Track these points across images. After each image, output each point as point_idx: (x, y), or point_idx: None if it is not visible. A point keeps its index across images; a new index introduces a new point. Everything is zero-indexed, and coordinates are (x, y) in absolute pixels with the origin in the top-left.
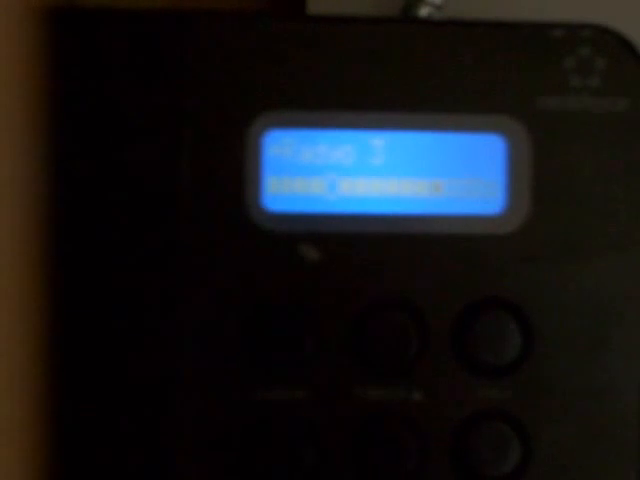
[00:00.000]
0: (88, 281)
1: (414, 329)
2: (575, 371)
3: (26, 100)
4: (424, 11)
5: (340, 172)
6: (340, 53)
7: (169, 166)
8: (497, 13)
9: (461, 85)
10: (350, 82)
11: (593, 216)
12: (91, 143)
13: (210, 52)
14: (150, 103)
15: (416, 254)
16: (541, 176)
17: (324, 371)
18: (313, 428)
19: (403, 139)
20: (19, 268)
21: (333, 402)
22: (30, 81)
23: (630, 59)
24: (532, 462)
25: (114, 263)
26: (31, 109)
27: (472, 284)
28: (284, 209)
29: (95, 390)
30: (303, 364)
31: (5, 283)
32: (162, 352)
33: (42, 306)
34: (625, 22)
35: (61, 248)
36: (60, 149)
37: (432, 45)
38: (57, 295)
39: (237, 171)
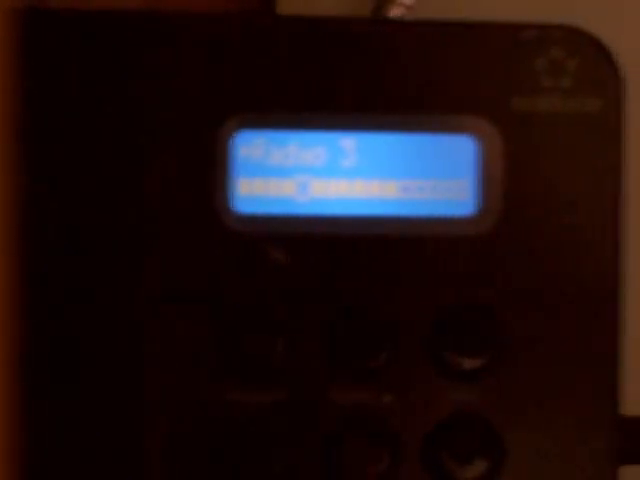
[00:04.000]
0: (54, 284)
1: (385, 331)
2: (549, 374)
3: None
4: (395, 12)
5: (311, 173)
6: (310, 54)
7: (138, 168)
8: (468, 14)
9: (432, 86)
10: (321, 83)
11: (565, 217)
12: (59, 144)
13: (180, 53)
14: (119, 104)
15: (387, 256)
16: (513, 177)
17: (295, 374)
18: (285, 430)
19: (374, 140)
20: None
21: (304, 404)
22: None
23: (602, 60)
24: (504, 466)
25: (81, 265)
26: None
27: (444, 286)
28: (254, 211)
29: (63, 397)
30: (274, 367)
31: None
32: (131, 354)
33: (7, 313)
34: (596, 22)
35: (27, 249)
36: (28, 150)
37: (403, 46)
38: (23, 300)
39: (207, 172)
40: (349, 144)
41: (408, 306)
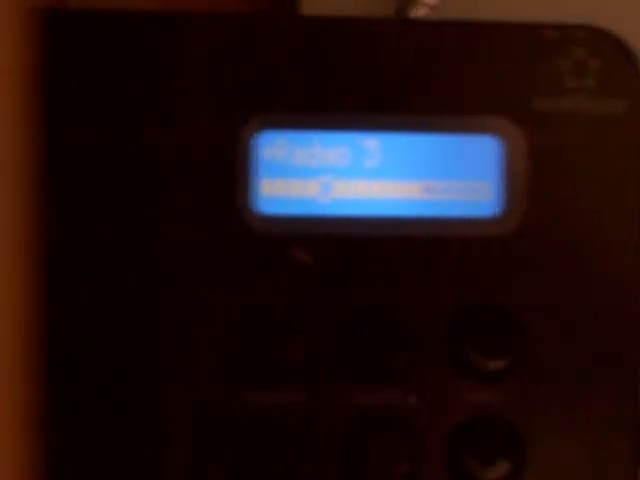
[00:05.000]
0: (75, 282)
1: (408, 332)
2: (571, 375)
3: (16, 101)
4: (418, 12)
5: (334, 174)
6: (334, 54)
7: (161, 167)
8: (491, 14)
9: (456, 86)
10: (344, 83)
11: (589, 218)
12: (81, 143)
13: (203, 53)
14: (142, 104)
15: (410, 257)
16: (536, 178)
17: (317, 375)
18: (306, 431)
19: (398, 141)
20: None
21: (326, 405)
22: (20, 82)
23: (625, 60)
24: (527, 467)
25: (102, 263)
26: (20, 110)
27: (466, 287)
28: (277, 211)
29: (81, 395)
30: (295, 367)
31: None
32: (152, 355)
33: (27, 308)
34: (619, 23)
35: (48, 247)
36: (49, 149)
37: (426, 46)
38: (43, 300)
39: (230, 173)
40: (372, 144)
41: (431, 307)
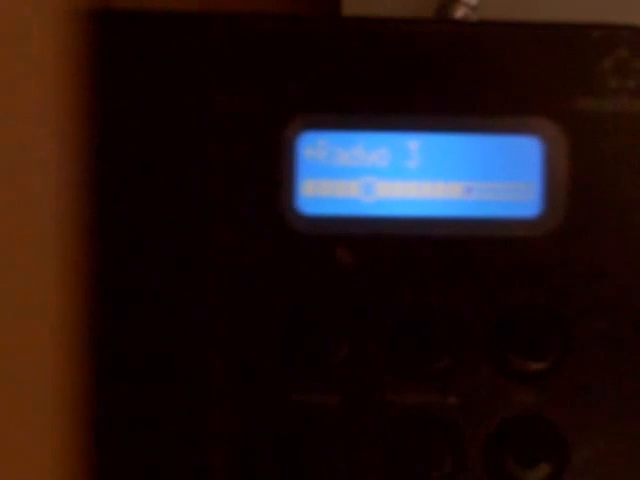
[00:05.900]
0: (124, 284)
1: (449, 333)
2: (614, 376)
3: (65, 102)
4: (459, 12)
5: (375, 175)
6: (375, 55)
7: (204, 168)
8: (532, 14)
9: (497, 87)
10: (385, 84)
11: (630, 218)
12: (127, 143)
13: (246, 54)
14: (185, 104)
15: (452, 257)
16: (578, 178)
17: (359, 375)
18: (347, 432)
19: (439, 141)
20: (56, 273)
21: (367, 406)
22: (69, 83)
23: None
24: (568, 468)
25: (148, 265)
26: (69, 111)
27: (508, 287)
28: (319, 212)
29: (129, 395)
30: (337, 368)
31: (41, 287)
32: (196, 355)
33: (78, 313)
34: None
35: (99, 245)
36: (97, 149)
37: (467, 46)
38: (94, 302)
39: (272, 174)
40: (414, 145)
41: (472, 307)
